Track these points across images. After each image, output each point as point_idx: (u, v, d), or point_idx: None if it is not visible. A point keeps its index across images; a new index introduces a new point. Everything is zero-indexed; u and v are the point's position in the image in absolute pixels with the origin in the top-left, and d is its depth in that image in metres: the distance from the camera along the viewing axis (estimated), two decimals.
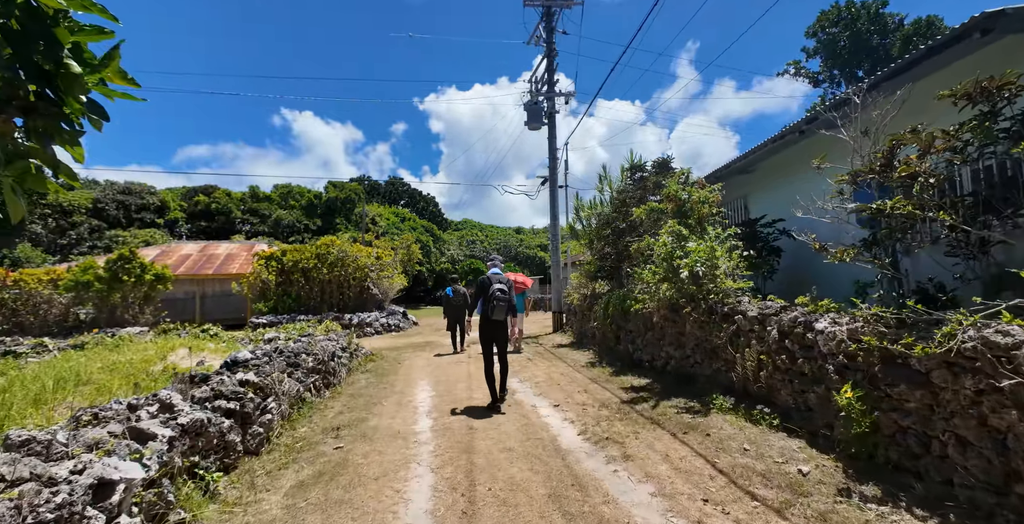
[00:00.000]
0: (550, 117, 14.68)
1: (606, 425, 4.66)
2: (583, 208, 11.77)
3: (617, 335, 8.60)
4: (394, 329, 16.56)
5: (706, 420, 4.69)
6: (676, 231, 6.06)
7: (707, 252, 5.50)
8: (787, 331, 4.44)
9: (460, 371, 7.92)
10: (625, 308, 8.04)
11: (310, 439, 4.46)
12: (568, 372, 7.55)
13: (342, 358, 7.39)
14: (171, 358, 7.52)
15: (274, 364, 5.03)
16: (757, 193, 8.67)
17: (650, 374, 6.94)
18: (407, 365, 8.80)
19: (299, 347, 6.07)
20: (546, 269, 41.00)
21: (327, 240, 17.20)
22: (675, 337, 6.49)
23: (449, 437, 4.45)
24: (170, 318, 20.42)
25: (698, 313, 5.69)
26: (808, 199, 4.99)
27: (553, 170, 14.60)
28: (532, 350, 10.41)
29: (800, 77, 20.17)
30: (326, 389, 6.26)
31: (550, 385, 6.59)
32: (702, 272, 5.42)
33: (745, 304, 5.23)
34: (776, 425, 4.35)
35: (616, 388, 6.33)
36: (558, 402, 5.63)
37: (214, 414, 3.64)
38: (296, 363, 5.53)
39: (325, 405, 5.70)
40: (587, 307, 10.99)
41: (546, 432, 4.53)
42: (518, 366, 8.24)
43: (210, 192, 37.33)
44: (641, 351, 7.57)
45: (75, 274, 14.26)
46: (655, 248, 6.14)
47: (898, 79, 5.00)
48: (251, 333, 9.58)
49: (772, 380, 4.61)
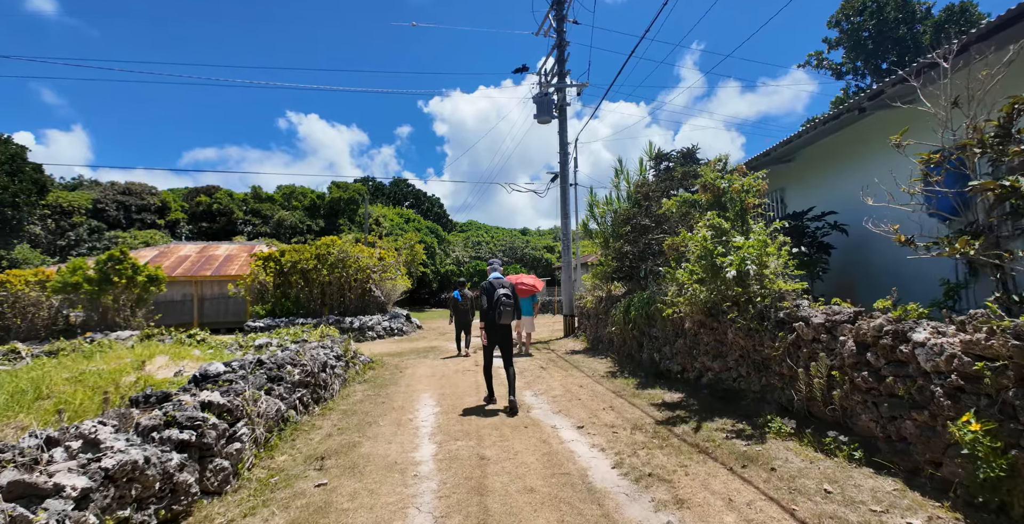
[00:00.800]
0: (560, 110, 13.92)
1: (645, 455, 3.86)
2: (598, 204, 10.99)
3: (640, 342, 7.80)
4: (397, 333, 15.82)
5: (764, 448, 3.90)
6: (716, 225, 5.27)
7: (758, 248, 4.71)
8: (869, 342, 3.64)
9: (467, 382, 7.14)
10: (650, 312, 7.25)
11: (289, 471, 3.70)
12: (588, 384, 6.76)
13: (336, 368, 6.64)
14: (148, 367, 6.80)
15: (251, 379, 4.28)
16: (797, 185, 7.84)
17: (681, 387, 6.15)
18: (409, 374, 8.04)
19: (285, 357, 5.32)
20: (552, 271, 40.14)
21: (327, 240, 16.49)
22: (713, 346, 5.69)
23: (456, 470, 3.67)
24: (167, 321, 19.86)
25: (745, 319, 4.89)
26: (862, 187, 4.20)
27: (564, 165, 13.83)
28: (544, 357, 9.63)
29: (822, 69, 19.32)
30: (315, 405, 5.51)
31: (570, 400, 5.80)
32: (753, 271, 4.62)
33: (805, 309, 4.43)
34: (858, 459, 3.54)
35: (645, 404, 5.54)
36: (582, 422, 4.84)
37: (161, 448, 2.88)
38: (279, 376, 4.77)
39: (312, 425, 4.93)
40: (603, 310, 10.19)
41: (573, 464, 3.75)
42: (531, 376, 7.45)
43: (212, 193, 36.81)
44: (669, 360, 6.77)
45: (63, 275, 13.62)
46: (689, 244, 5.35)
47: (1004, 34, 4.18)
48: (241, 338, 8.86)
49: (849, 402, 3.81)
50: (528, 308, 10.32)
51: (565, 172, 13.87)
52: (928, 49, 16.83)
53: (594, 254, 18.72)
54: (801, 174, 7.68)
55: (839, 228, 6.13)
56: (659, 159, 8.19)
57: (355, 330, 14.71)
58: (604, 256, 11.10)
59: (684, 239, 5.38)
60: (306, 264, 15.77)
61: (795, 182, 7.79)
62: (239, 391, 3.81)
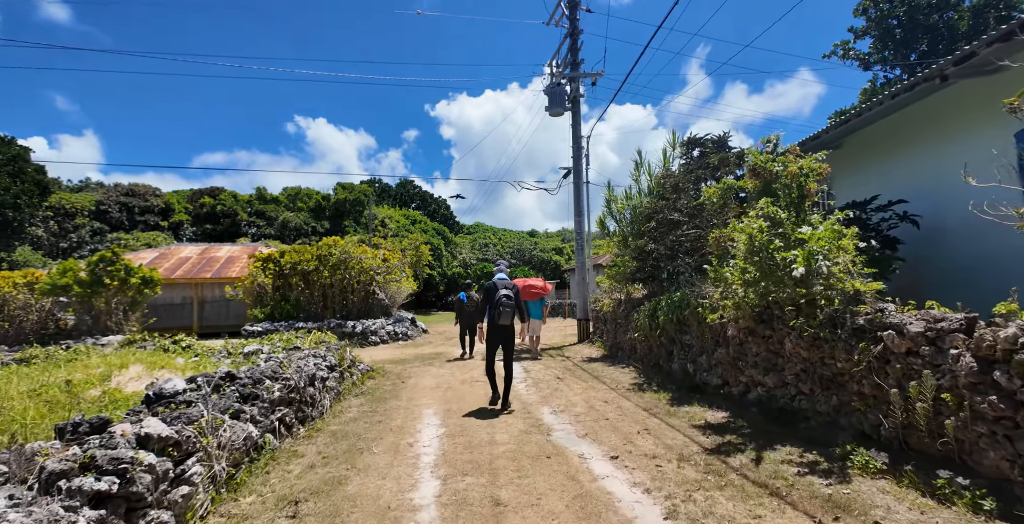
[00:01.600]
0: (574, 101, 13.14)
1: (704, 500, 3.05)
2: (616, 200, 10.17)
3: (669, 350, 6.97)
4: (401, 338, 15.07)
5: (853, 491, 3.08)
6: (771, 214, 4.45)
7: (829, 240, 3.89)
8: (997, 358, 2.82)
9: (475, 395, 6.36)
10: (682, 317, 6.44)
11: (254, 521, 2.93)
12: (613, 399, 5.94)
13: (328, 380, 5.88)
14: (118, 379, 6.07)
15: (215, 400, 3.52)
16: (847, 173, 6.98)
17: (723, 404, 5.33)
18: (412, 385, 7.26)
19: (265, 369, 4.56)
20: (561, 273, 39.26)
21: (329, 240, 15.79)
22: (764, 357, 4.86)
23: (466, 520, 2.88)
24: (167, 324, 19.28)
25: (812, 326, 4.07)
26: (962, 166, 3.39)
27: (578, 159, 13.05)
28: (559, 364, 8.82)
29: (848, 59, 18.31)
30: (300, 425, 4.74)
31: (596, 420, 4.99)
32: (825, 269, 3.80)
33: (893, 314, 3.60)
34: (988, 510, 2.71)
35: (685, 425, 4.73)
36: (615, 451, 4.03)
37: (67, 504, 2.12)
38: (254, 394, 4.02)
39: (294, 451, 4.16)
40: (622, 315, 9.38)
41: (614, 514, 2.94)
42: (548, 389, 6.65)
43: (216, 194, 36.37)
44: (707, 372, 5.94)
45: (53, 277, 13.01)
46: (737, 238, 4.54)
47: None
48: (230, 345, 8.13)
49: (968, 433, 2.98)
50: (538, 311, 10.13)
51: (579, 167, 13.08)
52: (965, 37, 15.90)
53: (608, 254, 17.87)
54: (852, 160, 6.82)
55: (909, 219, 5.29)
56: (691, 144, 7.34)
57: (357, 335, 13.99)
58: (622, 256, 10.30)
59: (733, 231, 4.56)
60: (307, 265, 15.07)
61: (844, 170, 6.94)
62: (193, 417, 3.05)
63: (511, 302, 5.49)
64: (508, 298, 5.48)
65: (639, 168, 9.84)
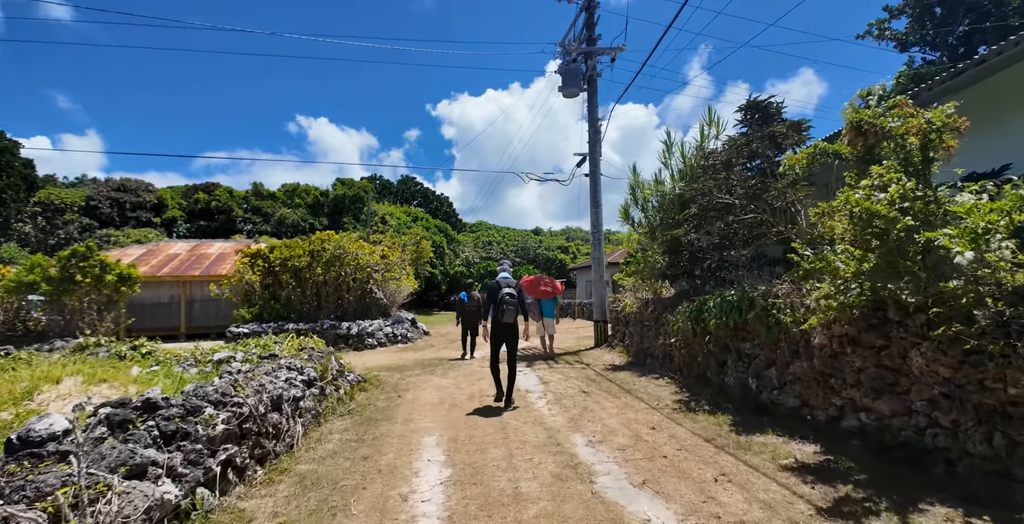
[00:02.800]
0: (590, 81, 11.95)
1: None
2: (643, 186, 8.97)
3: (721, 360, 5.78)
4: (401, 340, 13.91)
5: None
6: (893, 181, 3.25)
7: (1005, 214, 2.69)
8: None
9: (488, 416, 5.17)
10: (740, 321, 5.24)
11: None
12: (660, 423, 4.75)
13: (305, 399, 4.70)
14: (44, 396, 4.90)
15: (105, 449, 2.35)
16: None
17: (805, 432, 4.15)
18: (410, 400, 6.09)
19: (211, 392, 3.39)
20: (567, 272, 38.01)
21: (322, 235, 14.60)
22: (874, 374, 3.66)
23: None
24: (152, 325, 18.14)
25: (970, 334, 2.87)
26: None
27: (594, 145, 11.85)
28: (580, 374, 7.63)
29: (884, 40, 16.95)
30: (259, 465, 3.56)
31: (651, 458, 3.79)
32: (1009, 253, 2.61)
33: None
34: None
35: (771, 465, 3.54)
36: (694, 512, 2.84)
37: None
38: (183, 432, 2.84)
39: (239, 514, 2.97)
40: (651, 316, 8.19)
41: None
42: (575, 407, 5.45)
43: (211, 190, 35.23)
44: (779, 391, 4.75)
45: (19, 274, 11.90)
46: (854, 212, 3.34)
47: None
48: (199, 351, 6.97)
49: None
50: (551, 310, 10.10)
51: (595, 154, 11.88)
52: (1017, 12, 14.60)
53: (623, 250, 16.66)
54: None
55: None
56: (751, 109, 6.06)
57: (353, 337, 12.84)
58: (648, 249, 9.11)
59: (846, 203, 3.34)
60: (298, 261, 13.89)
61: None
62: (45, 490, 1.87)
63: (513, 300, 5.48)
64: (511, 296, 5.47)
65: (669, 149, 8.65)
